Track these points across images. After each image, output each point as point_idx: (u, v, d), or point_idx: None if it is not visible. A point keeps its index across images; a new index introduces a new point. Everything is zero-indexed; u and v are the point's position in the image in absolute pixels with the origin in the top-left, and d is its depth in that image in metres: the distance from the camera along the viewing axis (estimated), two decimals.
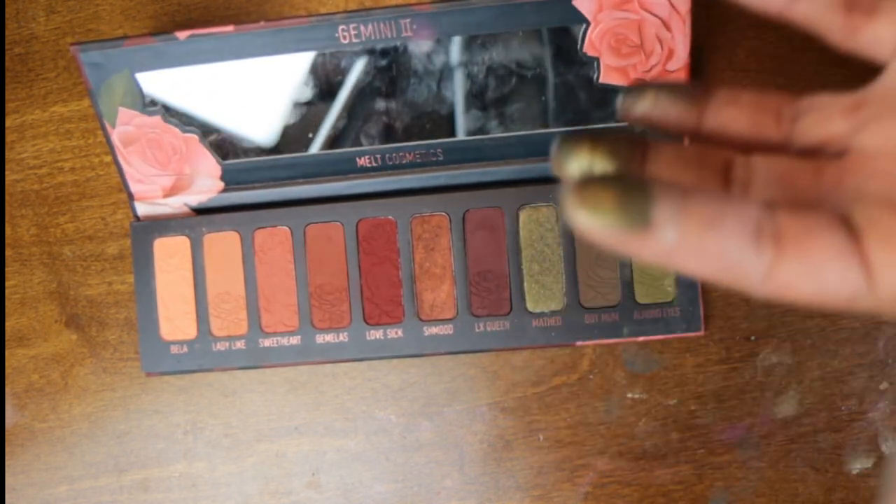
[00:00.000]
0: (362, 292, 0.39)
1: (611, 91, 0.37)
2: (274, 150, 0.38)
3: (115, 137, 0.38)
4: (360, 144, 0.38)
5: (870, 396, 0.38)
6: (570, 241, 0.38)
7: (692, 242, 0.18)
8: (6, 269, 0.41)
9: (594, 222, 0.18)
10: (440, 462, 0.39)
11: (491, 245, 0.38)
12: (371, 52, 0.36)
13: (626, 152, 0.22)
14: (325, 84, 0.37)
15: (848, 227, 0.19)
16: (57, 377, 0.40)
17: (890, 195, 0.19)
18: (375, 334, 0.38)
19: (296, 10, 0.39)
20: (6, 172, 0.41)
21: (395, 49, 0.36)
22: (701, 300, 0.37)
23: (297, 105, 0.38)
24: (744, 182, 0.22)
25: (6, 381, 0.41)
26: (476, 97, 0.37)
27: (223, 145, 0.38)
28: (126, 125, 0.37)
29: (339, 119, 0.38)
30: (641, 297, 0.38)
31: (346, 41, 0.35)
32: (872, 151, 0.21)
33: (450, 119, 0.37)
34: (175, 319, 0.39)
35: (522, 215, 0.38)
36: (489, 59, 0.36)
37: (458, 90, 0.37)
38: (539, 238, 0.38)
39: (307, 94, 0.37)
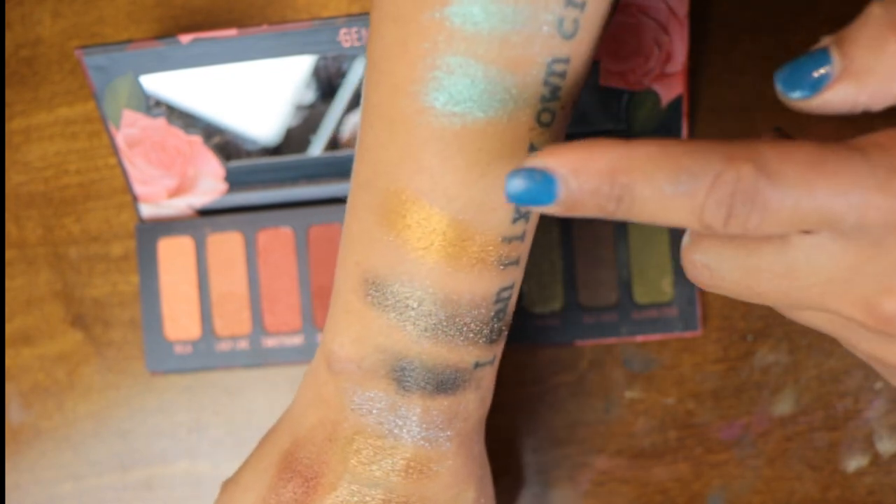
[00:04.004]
0: None
1: (611, 93, 0.37)
2: (276, 151, 0.38)
3: (120, 139, 0.38)
4: None
5: (865, 395, 0.38)
6: (570, 241, 0.38)
7: None
8: (13, 269, 0.41)
9: None
10: None
11: None
12: None
13: None
14: (327, 86, 0.38)
15: None
16: (62, 376, 0.41)
17: None
18: None
19: (298, 14, 0.40)
20: (13, 175, 0.41)
21: None
22: (698, 300, 0.38)
23: (299, 107, 0.38)
24: None
25: (13, 381, 0.41)
26: None
27: (226, 147, 0.38)
28: (130, 127, 0.38)
29: (340, 121, 0.38)
30: (640, 297, 0.38)
31: (348, 44, 0.36)
32: None
33: None
34: (179, 319, 0.40)
35: None
36: None
37: None
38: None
39: (309, 96, 0.38)
